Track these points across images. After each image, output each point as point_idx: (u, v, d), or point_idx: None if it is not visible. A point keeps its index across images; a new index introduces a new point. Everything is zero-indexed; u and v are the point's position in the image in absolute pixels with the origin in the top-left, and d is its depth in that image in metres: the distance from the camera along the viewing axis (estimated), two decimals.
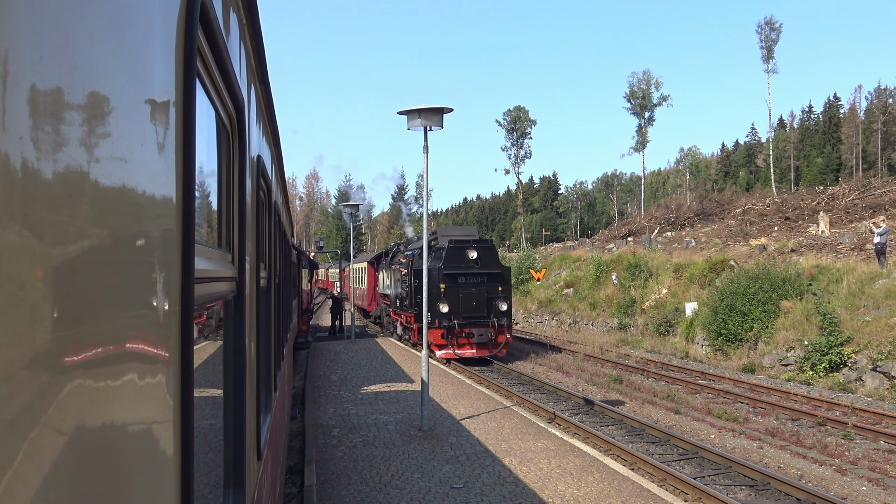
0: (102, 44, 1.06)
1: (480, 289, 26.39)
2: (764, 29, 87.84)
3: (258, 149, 4.07)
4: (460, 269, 26.31)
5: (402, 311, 30.46)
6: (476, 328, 26.16)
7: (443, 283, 25.77)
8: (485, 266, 26.74)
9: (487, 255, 26.97)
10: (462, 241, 27.05)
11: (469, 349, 26.32)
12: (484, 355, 26.47)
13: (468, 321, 26.08)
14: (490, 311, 26.33)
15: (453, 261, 26.26)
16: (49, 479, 0.85)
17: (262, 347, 4.26)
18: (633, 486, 10.86)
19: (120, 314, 1.15)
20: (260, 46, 3.87)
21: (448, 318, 25.75)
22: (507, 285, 27.11)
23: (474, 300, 26.24)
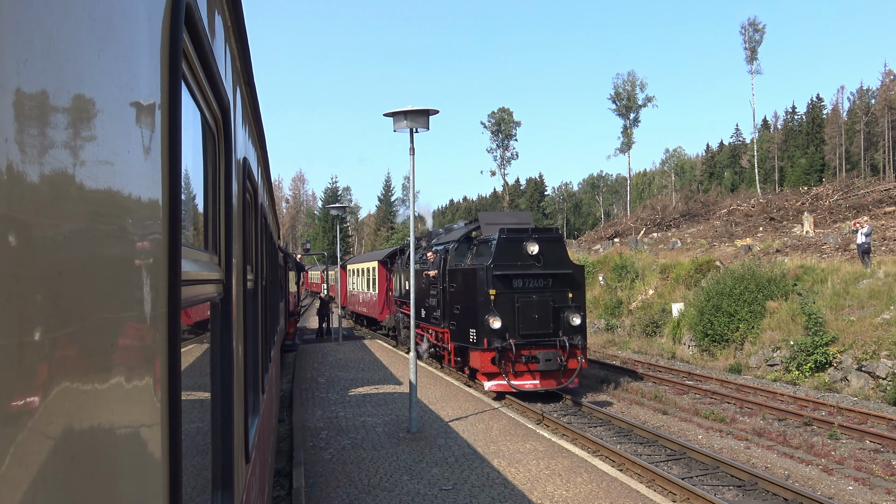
0: (87, 46, 1.06)
1: (544, 296, 19.41)
2: (748, 30, 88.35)
3: (244, 151, 4.07)
4: (517, 268, 19.34)
5: (432, 324, 23.56)
6: (540, 350, 19.09)
7: (492, 287, 19.00)
8: (550, 265, 19.67)
9: (553, 250, 19.88)
10: (517, 230, 19.95)
11: (530, 380, 19.26)
12: (551, 388, 19.42)
13: (529, 341, 19.14)
14: (558, 326, 19.41)
15: (506, 257, 19.33)
16: (36, 483, 0.85)
17: (249, 350, 4.25)
18: (621, 487, 10.89)
19: (106, 317, 1.14)
20: (245, 48, 3.86)
21: (501, 336, 18.89)
22: (580, 291, 20.08)
23: (536, 311, 19.25)
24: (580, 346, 19.35)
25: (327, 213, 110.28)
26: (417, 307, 24.12)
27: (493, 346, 18.85)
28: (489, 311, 19.00)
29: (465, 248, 22.27)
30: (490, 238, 20.44)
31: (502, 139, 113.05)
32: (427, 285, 24.00)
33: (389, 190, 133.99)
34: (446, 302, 21.79)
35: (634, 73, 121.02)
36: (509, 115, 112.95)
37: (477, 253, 21.16)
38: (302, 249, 64.66)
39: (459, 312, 20.42)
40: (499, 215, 23.88)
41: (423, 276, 24.18)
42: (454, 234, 24.35)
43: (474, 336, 19.31)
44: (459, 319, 20.37)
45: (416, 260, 25.44)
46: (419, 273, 24.68)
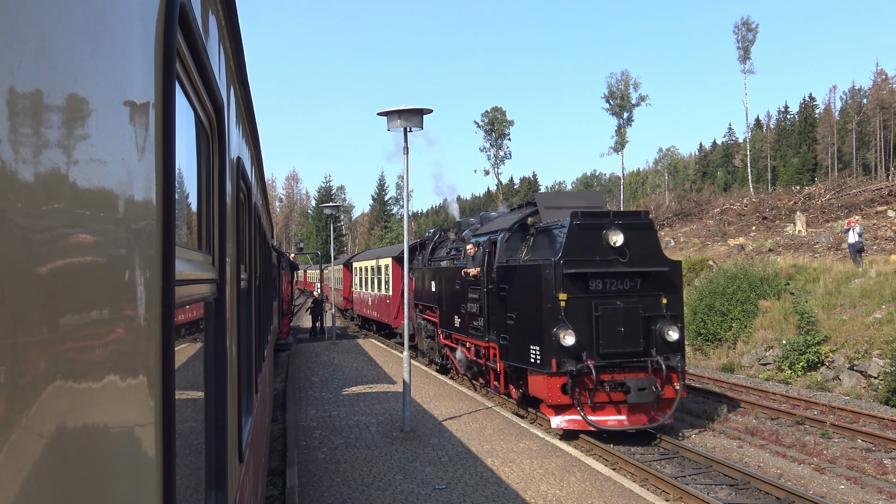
0: (81, 46, 1.06)
1: (632, 302, 14.77)
2: (741, 29, 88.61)
3: (238, 150, 4.06)
4: (595, 265, 14.72)
5: (471, 336, 18.62)
6: (628, 374, 14.59)
7: (563, 290, 14.46)
8: (638, 260, 15.00)
9: (642, 241, 15.16)
10: (595, 214, 15.38)
11: (615, 414, 14.69)
12: (642, 426, 14.75)
13: (612, 362, 14.55)
14: (650, 342, 14.73)
15: (580, 251, 14.71)
16: (29, 483, 0.85)
17: (242, 349, 4.25)
18: (614, 486, 10.91)
19: (100, 317, 1.14)
20: (239, 48, 3.86)
21: (575, 356, 14.30)
22: (677, 295, 15.38)
23: (622, 322, 14.61)
24: (679, 370, 14.70)
25: (321, 212, 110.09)
26: (448, 314, 20.70)
27: (564, 370, 14.13)
28: (559, 323, 14.32)
29: (518, 239, 16.92)
30: (555, 225, 15.69)
31: (496, 138, 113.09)
32: (462, 287, 18.93)
33: (383, 189, 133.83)
34: (493, 308, 16.92)
35: (628, 72, 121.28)
36: (502, 114, 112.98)
37: (535, 245, 16.35)
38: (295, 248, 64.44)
39: (515, 323, 15.59)
40: (561, 196, 19.53)
41: (457, 276, 19.53)
42: (502, 220, 18.88)
43: (537, 355, 14.56)
44: (514, 332, 15.62)
45: (443, 255, 23.02)
46: (449, 271, 20.68)
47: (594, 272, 14.72)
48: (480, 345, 18.09)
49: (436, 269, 22.87)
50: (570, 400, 14.37)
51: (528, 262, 15.98)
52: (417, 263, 26.17)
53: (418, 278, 25.30)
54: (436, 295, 22.37)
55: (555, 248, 15.22)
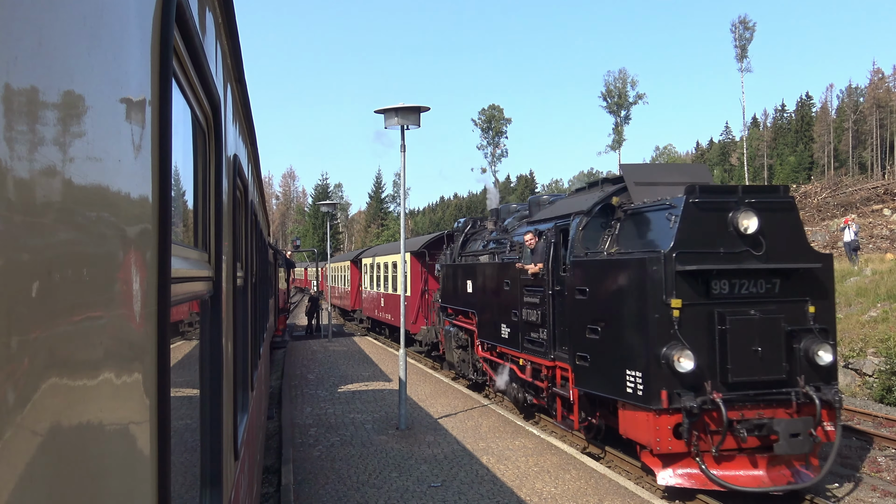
0: (77, 43, 1.06)
1: (769, 311, 10.92)
2: (738, 28, 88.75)
3: (234, 148, 4.06)
4: (719, 260, 10.83)
5: (526, 351, 14.80)
6: (765, 411, 10.74)
7: (676, 295, 10.63)
8: (776, 253, 11.06)
9: (781, 227, 11.21)
10: (717, 190, 11.63)
11: (750, 468, 10.77)
12: (789, 487, 10.68)
13: (745, 395, 10.62)
14: (793, 366, 10.88)
15: (697, 240, 10.81)
16: (24, 480, 0.85)
17: (238, 347, 4.24)
18: (609, 484, 10.92)
19: (96, 314, 1.14)
20: (236, 46, 3.85)
21: (693, 385, 10.50)
22: (828, 301, 11.44)
23: (758, 339, 10.70)
24: (835, 402, 10.68)
25: (317, 210, 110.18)
26: (491, 322, 16.84)
27: (678, 406, 10.24)
28: (671, 340, 10.38)
29: (599, 226, 12.70)
30: (657, 206, 11.50)
31: (493, 136, 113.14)
32: (514, 288, 15.16)
33: (380, 187, 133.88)
34: (563, 317, 13.06)
35: (626, 70, 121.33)
36: (500, 112, 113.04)
37: (624, 233, 12.21)
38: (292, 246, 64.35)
39: (600, 338, 11.58)
40: (656, 169, 14.98)
41: (506, 274, 15.72)
42: (571, 202, 14.40)
43: (637, 383, 10.67)
44: (598, 351, 11.69)
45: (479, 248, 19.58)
46: (494, 269, 16.83)
47: (719, 269, 10.63)
48: (541, 363, 14.02)
49: (473, 265, 18.64)
50: (685, 447, 10.27)
51: (620, 255, 11.67)
52: (444, 259, 22.60)
53: (446, 276, 21.45)
54: (473, 297, 18.30)
55: (659, 236, 11.19)
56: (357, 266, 40.74)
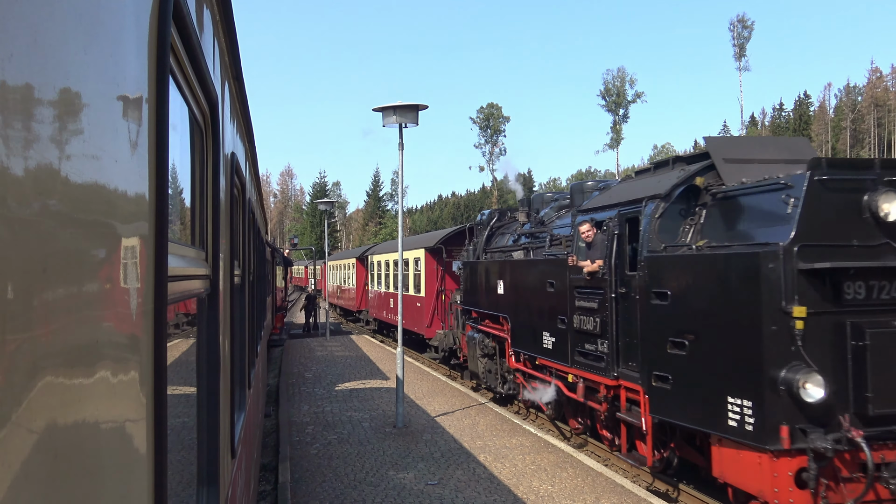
0: (74, 40, 1.05)
1: None
2: (736, 27, 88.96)
3: (232, 146, 4.05)
4: (852, 254, 8.26)
5: (580, 366, 12.48)
6: None
7: (800, 302, 8.10)
8: None
9: None
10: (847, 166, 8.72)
11: None
12: None
13: (890, 432, 8.04)
14: None
15: (826, 231, 8.28)
16: (20, 478, 0.85)
17: (236, 345, 4.24)
18: (606, 482, 10.93)
19: (92, 313, 1.14)
20: (234, 43, 3.85)
21: (822, 419, 8.01)
22: None
23: None
24: None
25: (315, 208, 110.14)
26: (529, 328, 14.62)
27: (803, 445, 8.00)
28: (792, 360, 8.15)
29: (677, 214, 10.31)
30: (765, 186, 9.10)
31: (491, 134, 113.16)
32: (562, 289, 12.92)
33: (378, 185, 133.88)
34: (629, 326, 10.88)
35: (624, 68, 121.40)
36: (498, 110, 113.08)
37: (712, 222, 9.84)
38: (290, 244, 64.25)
39: (689, 355, 9.34)
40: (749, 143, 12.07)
41: (551, 272, 13.56)
42: (640, 186, 11.67)
43: (744, 414, 8.49)
44: (683, 370, 9.48)
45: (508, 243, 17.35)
46: (535, 266, 14.55)
47: (854, 268, 8.27)
48: (599, 382, 11.72)
49: (505, 262, 16.43)
50: (811, 500, 7.96)
51: (719, 249, 9.11)
52: (466, 255, 20.10)
53: (470, 275, 18.94)
54: (505, 299, 15.99)
55: (768, 225, 8.83)
56: (363, 264, 38.40)
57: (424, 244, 25.71)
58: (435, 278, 24.84)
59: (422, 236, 32.48)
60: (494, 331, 17.07)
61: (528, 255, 15.72)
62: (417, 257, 26.20)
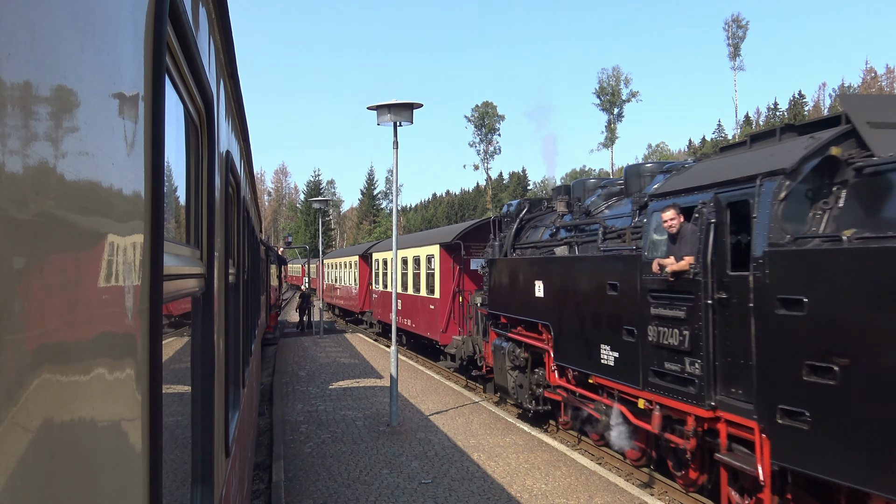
0: (70, 39, 1.05)
1: None
2: (731, 26, 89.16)
3: (227, 144, 4.05)
4: None
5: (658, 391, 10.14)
6: None
7: None
8: None
9: None
10: None
11: None
12: None
13: None
14: None
15: None
16: (15, 477, 0.85)
17: (230, 344, 4.24)
18: (600, 481, 10.95)
19: (88, 312, 1.14)
20: (230, 41, 3.84)
21: None
22: None
23: None
24: None
25: (309, 207, 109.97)
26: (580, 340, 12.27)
27: None
28: None
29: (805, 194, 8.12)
30: None
31: (485, 133, 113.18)
32: (630, 291, 10.76)
33: (372, 183, 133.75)
34: (731, 341, 8.86)
35: (619, 68, 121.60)
36: (493, 109, 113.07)
37: (859, 206, 7.68)
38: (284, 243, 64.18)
39: (841, 385, 6.92)
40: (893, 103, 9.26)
41: (612, 272, 11.33)
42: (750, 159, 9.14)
43: None
44: (831, 404, 7.07)
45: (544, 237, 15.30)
46: (587, 264, 12.32)
47: None
48: (687, 411, 9.50)
49: (549, 259, 13.99)
50: None
51: (890, 241, 6.75)
52: (492, 252, 17.47)
53: (497, 275, 16.65)
54: (546, 303, 13.71)
55: None
56: (367, 262, 36.08)
57: (439, 239, 23.21)
58: (451, 278, 22.56)
59: (436, 231, 29.67)
60: (530, 340, 14.76)
61: (573, 250, 13.55)
62: (431, 254, 23.77)
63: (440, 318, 22.75)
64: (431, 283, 23.81)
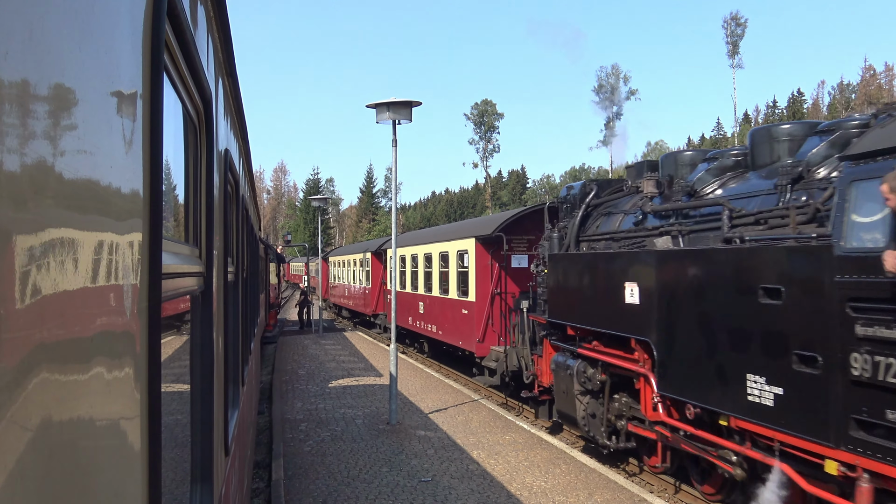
0: (69, 37, 1.05)
1: None
2: (730, 24, 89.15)
3: (226, 142, 4.05)
4: None
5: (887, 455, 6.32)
6: None
7: None
8: None
9: None
10: None
11: None
12: None
13: None
14: None
15: None
16: (14, 476, 0.85)
17: (229, 342, 4.24)
18: (599, 478, 10.96)
19: (86, 310, 1.14)
20: (228, 39, 3.84)
21: None
22: None
23: None
24: None
25: (308, 205, 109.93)
26: (719, 367, 8.89)
27: None
28: None
29: None
30: None
31: (485, 131, 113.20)
32: (806, 300, 7.53)
33: (371, 181, 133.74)
34: None
35: (618, 65, 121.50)
36: (492, 106, 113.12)
37: None
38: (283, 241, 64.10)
39: None
40: None
41: (760, 266, 8.26)
42: None
43: None
44: None
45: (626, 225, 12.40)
46: (726, 258, 8.90)
47: None
48: None
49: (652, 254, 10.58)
50: None
51: None
52: (549, 247, 14.39)
53: (563, 273, 13.36)
54: (642, 312, 10.65)
55: None
56: (380, 259, 32.84)
57: (475, 232, 20.04)
58: (489, 278, 19.41)
59: (470, 222, 25.93)
60: (617, 360, 11.50)
61: (677, 241, 10.73)
62: (464, 250, 20.64)
63: (477, 325, 19.55)
64: (465, 283, 20.62)
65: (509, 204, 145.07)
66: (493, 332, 19.31)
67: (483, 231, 19.59)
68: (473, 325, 19.67)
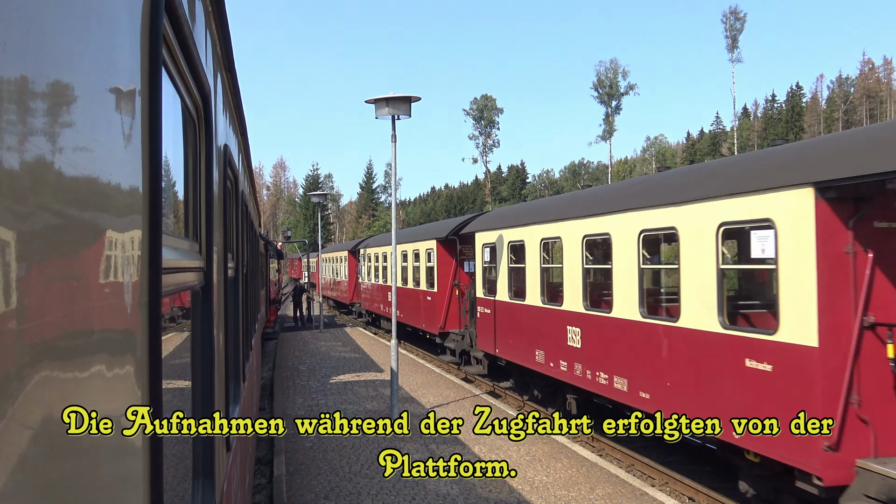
0: (66, 32, 1.05)
1: None
2: (729, 18, 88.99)
3: (225, 138, 4.04)
4: None
5: None
6: None
7: None
8: None
9: None
10: None
11: None
12: None
13: None
14: None
15: None
16: (15, 472, 0.85)
17: (230, 338, 4.24)
18: (600, 472, 10.97)
19: (87, 306, 1.13)
20: (226, 34, 3.83)
21: None
22: None
23: None
24: None
25: (308, 201, 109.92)
26: None
27: None
28: None
29: None
30: None
31: (485, 126, 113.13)
32: None
33: (371, 177, 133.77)
34: None
35: (617, 60, 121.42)
36: (492, 102, 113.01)
37: None
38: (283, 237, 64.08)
39: None
40: None
41: None
42: None
43: None
44: None
45: None
46: None
47: None
48: None
49: None
50: None
51: None
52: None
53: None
54: None
55: None
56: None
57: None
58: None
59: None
60: None
61: None
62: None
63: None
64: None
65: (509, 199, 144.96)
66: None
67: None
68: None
